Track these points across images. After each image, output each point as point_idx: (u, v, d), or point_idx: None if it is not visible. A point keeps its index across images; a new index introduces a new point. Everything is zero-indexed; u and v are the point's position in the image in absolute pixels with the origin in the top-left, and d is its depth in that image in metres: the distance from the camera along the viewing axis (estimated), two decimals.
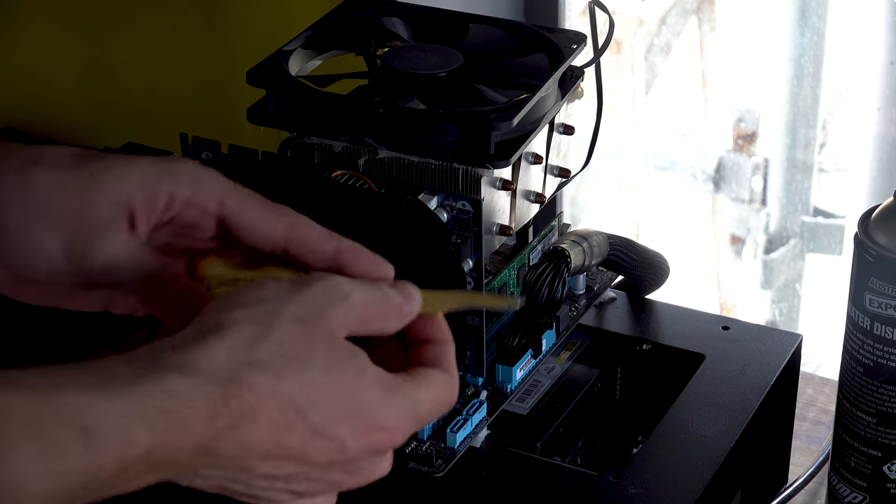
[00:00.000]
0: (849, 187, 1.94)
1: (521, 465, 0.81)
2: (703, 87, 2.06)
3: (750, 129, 2.01)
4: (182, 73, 1.37)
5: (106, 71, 1.39)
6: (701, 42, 2.05)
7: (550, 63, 0.84)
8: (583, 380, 0.90)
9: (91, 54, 1.39)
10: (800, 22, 1.85)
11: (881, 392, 0.81)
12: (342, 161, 0.82)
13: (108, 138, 1.23)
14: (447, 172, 0.79)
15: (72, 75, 1.41)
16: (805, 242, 1.97)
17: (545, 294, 0.81)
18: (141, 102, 1.38)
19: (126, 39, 1.38)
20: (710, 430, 0.83)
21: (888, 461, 0.83)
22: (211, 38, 1.34)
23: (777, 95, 1.90)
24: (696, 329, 0.92)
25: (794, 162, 1.93)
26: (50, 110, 1.41)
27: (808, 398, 1.02)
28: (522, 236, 0.88)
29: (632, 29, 2.04)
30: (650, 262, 0.94)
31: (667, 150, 2.05)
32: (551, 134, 0.85)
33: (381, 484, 0.80)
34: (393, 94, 0.82)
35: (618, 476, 0.80)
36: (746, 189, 1.99)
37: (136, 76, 1.38)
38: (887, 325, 0.79)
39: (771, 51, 1.89)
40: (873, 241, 0.79)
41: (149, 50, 1.37)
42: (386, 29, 0.88)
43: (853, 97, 1.89)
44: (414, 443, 0.79)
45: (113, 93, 1.39)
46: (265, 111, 0.83)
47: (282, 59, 0.84)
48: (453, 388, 0.62)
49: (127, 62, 1.38)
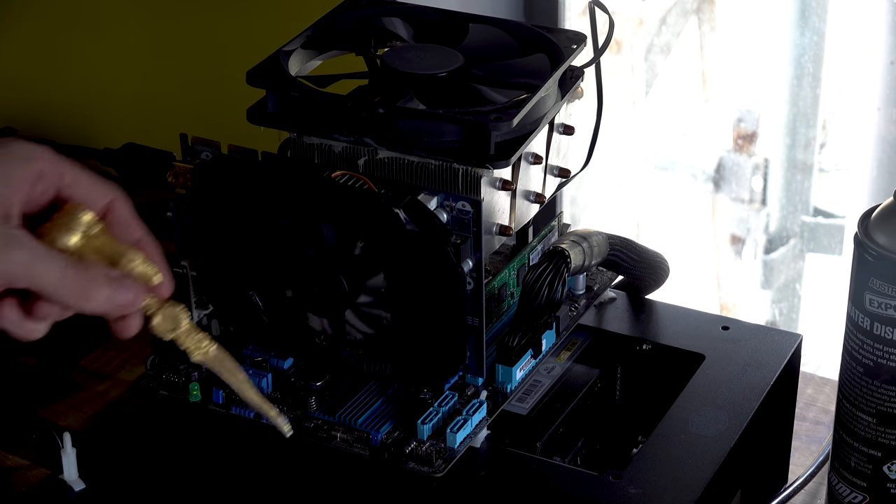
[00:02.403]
0: (849, 187, 1.94)
1: (521, 465, 0.81)
2: (703, 87, 2.06)
3: (750, 129, 2.00)
4: (182, 73, 1.37)
5: (105, 71, 1.39)
6: (701, 42, 2.05)
7: (550, 63, 0.84)
8: (583, 380, 0.90)
9: (91, 55, 1.39)
10: (800, 22, 1.85)
11: (881, 392, 0.81)
12: (342, 161, 0.82)
13: (107, 138, 1.24)
14: (447, 172, 0.79)
15: (71, 75, 1.41)
16: (805, 242, 1.97)
17: (545, 294, 0.81)
18: (140, 103, 1.38)
19: (126, 40, 1.38)
20: (710, 430, 0.83)
21: (888, 461, 0.83)
22: (211, 38, 1.34)
23: (777, 95, 1.90)
24: (696, 329, 0.92)
25: (794, 162, 1.93)
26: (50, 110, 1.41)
27: (808, 398, 1.02)
28: (522, 236, 0.88)
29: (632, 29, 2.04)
30: (650, 262, 0.94)
31: (667, 150, 2.05)
32: (551, 134, 0.85)
33: (382, 484, 0.80)
34: (393, 94, 0.82)
35: (618, 476, 0.80)
36: (746, 189, 1.99)
37: (136, 76, 1.38)
38: (887, 325, 0.79)
39: (771, 51, 1.89)
40: (873, 241, 0.79)
41: (149, 50, 1.37)
42: (386, 29, 0.88)
43: (853, 97, 1.89)
44: (414, 443, 0.79)
45: (112, 93, 1.39)
46: (265, 111, 0.83)
47: (282, 59, 0.84)
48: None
49: (127, 62, 1.38)
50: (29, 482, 0.94)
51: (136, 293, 0.67)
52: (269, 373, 0.84)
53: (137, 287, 0.67)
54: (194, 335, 0.70)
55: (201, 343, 0.71)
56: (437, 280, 0.77)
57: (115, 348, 1.09)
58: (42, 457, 0.97)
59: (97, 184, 0.67)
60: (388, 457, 0.79)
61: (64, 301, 0.65)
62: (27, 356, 1.07)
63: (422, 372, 0.80)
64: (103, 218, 0.68)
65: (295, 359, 0.85)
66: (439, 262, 0.76)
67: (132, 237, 0.68)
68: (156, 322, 0.69)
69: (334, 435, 0.81)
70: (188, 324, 0.70)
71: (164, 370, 0.86)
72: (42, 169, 0.66)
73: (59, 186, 0.66)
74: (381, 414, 0.81)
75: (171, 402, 0.85)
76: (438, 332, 0.79)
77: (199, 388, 0.84)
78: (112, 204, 0.68)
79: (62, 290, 0.64)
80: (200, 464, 0.87)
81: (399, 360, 0.80)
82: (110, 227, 0.68)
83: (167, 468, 0.88)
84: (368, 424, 0.81)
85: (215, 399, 0.84)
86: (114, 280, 0.66)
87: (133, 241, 0.68)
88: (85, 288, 0.65)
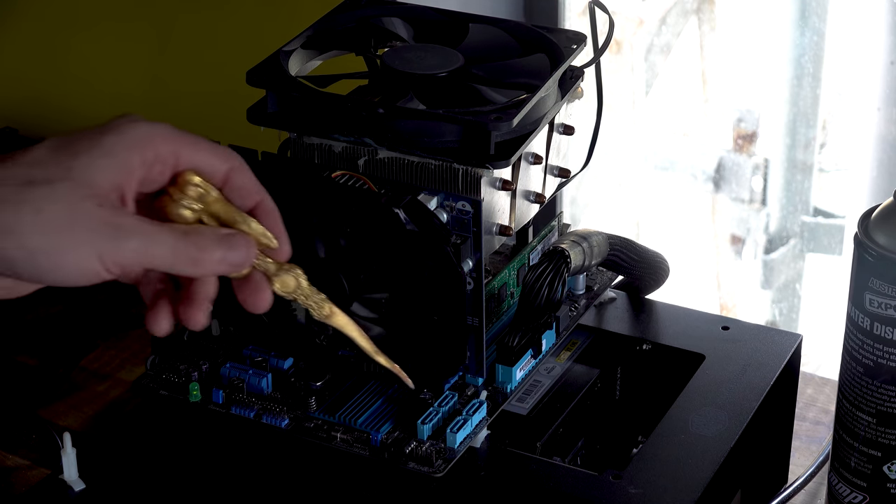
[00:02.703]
0: (849, 187, 1.94)
1: (521, 465, 0.81)
2: (703, 86, 2.06)
3: (750, 129, 2.00)
4: (182, 73, 1.37)
5: (105, 71, 1.39)
6: (701, 42, 2.05)
7: (550, 63, 0.84)
8: (583, 380, 0.90)
9: (91, 55, 1.39)
10: (800, 22, 1.85)
11: (881, 392, 0.81)
12: (342, 161, 0.82)
13: None
14: (447, 172, 0.79)
15: (71, 76, 1.41)
16: (805, 242, 1.97)
17: (545, 294, 0.81)
18: (140, 102, 1.38)
19: (125, 40, 1.38)
20: (710, 430, 0.83)
21: (888, 461, 0.83)
22: (211, 38, 1.34)
23: (777, 95, 1.90)
24: (696, 329, 0.92)
25: (794, 162, 1.93)
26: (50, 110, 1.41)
27: (808, 398, 1.02)
28: (522, 236, 0.88)
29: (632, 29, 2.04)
30: (650, 262, 0.94)
31: (667, 150, 2.05)
32: (551, 134, 0.85)
33: (382, 484, 0.80)
34: (393, 94, 0.82)
35: (618, 476, 0.80)
36: (746, 189, 1.99)
37: (136, 76, 1.38)
38: (887, 325, 0.79)
39: (771, 51, 1.89)
40: (873, 241, 0.79)
41: (149, 50, 1.37)
42: (386, 29, 0.88)
43: (853, 97, 1.89)
44: (414, 443, 0.79)
45: (112, 93, 1.39)
46: (265, 111, 0.83)
47: (282, 59, 0.84)
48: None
49: (127, 62, 1.38)
50: (29, 482, 0.94)
51: (248, 250, 0.67)
52: (269, 373, 0.84)
53: (248, 242, 0.67)
54: (314, 295, 0.71)
55: (321, 302, 0.71)
56: (437, 280, 0.77)
57: (115, 348, 1.09)
58: (42, 457, 0.97)
59: (216, 152, 0.67)
60: (388, 457, 0.79)
61: (181, 272, 0.66)
62: (27, 356, 1.07)
63: (422, 372, 0.80)
64: (223, 185, 0.68)
65: (295, 359, 0.85)
66: (439, 262, 0.76)
67: (251, 201, 0.68)
68: (276, 285, 0.69)
69: (334, 435, 0.81)
70: (307, 284, 0.70)
71: (164, 370, 0.86)
72: (158, 151, 0.66)
73: (176, 164, 0.66)
74: (381, 414, 0.81)
75: (171, 402, 0.85)
76: (438, 332, 0.79)
77: (199, 388, 0.84)
78: (230, 171, 0.68)
79: (177, 264, 0.65)
80: (200, 464, 0.87)
81: (399, 360, 0.80)
82: (229, 193, 0.68)
83: (167, 468, 0.88)
84: (368, 424, 0.81)
85: (215, 399, 0.84)
86: (223, 239, 0.66)
87: (252, 205, 0.68)
88: (197, 255, 0.65)
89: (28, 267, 0.62)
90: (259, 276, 0.68)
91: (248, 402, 0.83)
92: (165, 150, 0.66)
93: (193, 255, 0.65)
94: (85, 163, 0.63)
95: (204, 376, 0.85)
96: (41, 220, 0.62)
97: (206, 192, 0.67)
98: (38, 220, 0.62)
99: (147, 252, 0.64)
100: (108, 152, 0.64)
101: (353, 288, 0.78)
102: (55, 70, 1.41)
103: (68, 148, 0.64)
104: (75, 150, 0.64)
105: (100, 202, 0.63)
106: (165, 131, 0.66)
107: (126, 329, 1.11)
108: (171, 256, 0.64)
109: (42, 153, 0.64)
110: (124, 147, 0.65)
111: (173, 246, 0.64)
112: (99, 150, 0.64)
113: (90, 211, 0.62)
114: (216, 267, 0.66)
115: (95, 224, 0.62)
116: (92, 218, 0.62)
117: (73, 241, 0.62)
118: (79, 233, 0.62)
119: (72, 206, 0.62)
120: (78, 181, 0.63)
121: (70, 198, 0.62)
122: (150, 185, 0.66)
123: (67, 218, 0.62)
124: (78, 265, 0.62)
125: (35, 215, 0.62)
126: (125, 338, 1.10)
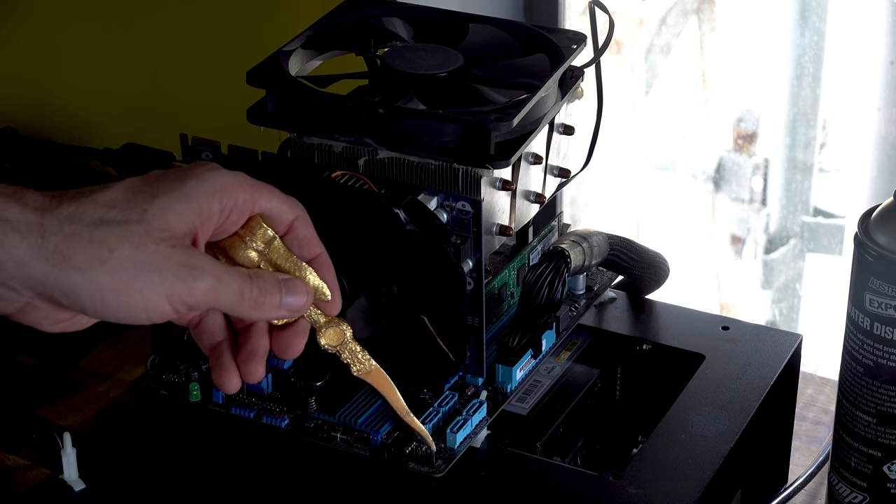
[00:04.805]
0: (849, 187, 1.94)
1: (521, 466, 0.81)
2: (703, 86, 2.06)
3: (750, 129, 2.00)
4: (182, 73, 1.37)
5: (105, 71, 1.39)
6: (701, 42, 2.05)
7: (550, 63, 0.84)
8: (583, 380, 0.90)
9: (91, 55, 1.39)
10: (800, 22, 1.85)
11: (881, 392, 0.81)
12: (342, 161, 0.82)
13: (107, 138, 1.23)
14: (447, 173, 0.79)
15: (72, 75, 1.41)
16: (805, 242, 1.97)
17: (545, 294, 0.81)
18: (141, 102, 1.38)
19: (125, 40, 1.38)
20: (710, 430, 0.83)
21: (888, 461, 0.83)
22: (211, 38, 1.34)
23: (777, 95, 1.90)
24: (696, 329, 0.92)
25: (794, 162, 1.93)
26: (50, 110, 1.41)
27: (808, 398, 1.02)
28: (522, 236, 0.88)
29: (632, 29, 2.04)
30: (650, 262, 0.94)
31: (667, 150, 2.05)
32: (551, 134, 0.85)
33: (382, 484, 0.80)
34: (393, 94, 0.82)
35: (618, 476, 0.80)
36: (746, 189, 1.99)
37: (136, 76, 1.38)
38: (887, 325, 0.79)
39: (771, 51, 1.89)
40: (873, 241, 0.79)
41: (148, 50, 1.37)
42: (386, 29, 0.88)
43: (853, 97, 1.89)
44: (414, 443, 0.79)
45: (113, 93, 1.39)
46: (265, 111, 0.83)
47: (282, 59, 0.84)
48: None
49: (126, 62, 1.38)
50: (29, 482, 0.94)
51: (307, 297, 0.69)
52: (269, 373, 0.84)
53: (307, 289, 0.69)
54: (357, 351, 0.73)
55: (363, 358, 0.73)
56: (438, 280, 0.77)
57: (115, 348, 1.09)
58: (42, 457, 0.97)
59: (285, 203, 0.69)
60: (388, 457, 0.79)
61: (243, 315, 0.68)
62: (27, 356, 1.07)
63: (422, 372, 0.80)
64: (286, 234, 0.70)
65: (295, 359, 0.85)
66: (439, 262, 0.76)
67: (311, 254, 0.71)
68: (324, 339, 0.72)
69: (334, 435, 0.81)
70: (352, 339, 0.72)
71: (164, 370, 0.86)
72: (237, 200, 0.67)
73: (251, 212, 0.68)
74: (382, 414, 0.81)
75: (171, 402, 0.85)
76: (439, 332, 0.79)
77: (199, 388, 0.84)
78: (296, 220, 0.70)
79: (242, 306, 0.67)
80: (200, 464, 0.87)
81: (399, 360, 0.80)
82: (290, 243, 0.70)
83: (167, 468, 0.88)
84: (368, 424, 0.81)
85: (215, 399, 0.84)
86: (284, 284, 0.68)
87: (311, 256, 0.70)
88: (260, 298, 0.67)
89: (94, 303, 0.64)
90: (302, 326, 0.70)
91: (248, 402, 0.83)
92: (243, 199, 0.68)
93: (256, 298, 0.67)
94: (163, 206, 0.65)
95: (204, 376, 0.85)
96: (113, 258, 0.63)
97: (272, 237, 0.69)
98: (109, 259, 0.63)
99: (216, 292, 0.65)
100: (186, 197, 0.65)
101: (354, 288, 0.78)
102: (55, 70, 1.41)
103: (146, 191, 0.65)
104: (153, 194, 0.65)
105: (173, 244, 0.64)
106: (244, 181, 0.68)
107: (126, 329, 1.11)
108: (237, 298, 0.66)
109: (119, 194, 0.65)
110: (203, 193, 0.66)
111: (240, 288, 0.66)
112: (178, 193, 0.65)
113: (163, 252, 0.64)
114: (276, 312, 0.68)
115: (169, 264, 0.64)
116: (165, 258, 0.64)
117: (142, 281, 0.64)
118: (149, 273, 0.64)
119: (144, 248, 0.64)
120: (153, 224, 0.64)
121: (143, 239, 0.64)
122: (223, 232, 0.68)
123: (138, 259, 0.63)
124: (145, 304, 0.64)
125: (107, 254, 0.63)
126: (125, 338, 1.10)
